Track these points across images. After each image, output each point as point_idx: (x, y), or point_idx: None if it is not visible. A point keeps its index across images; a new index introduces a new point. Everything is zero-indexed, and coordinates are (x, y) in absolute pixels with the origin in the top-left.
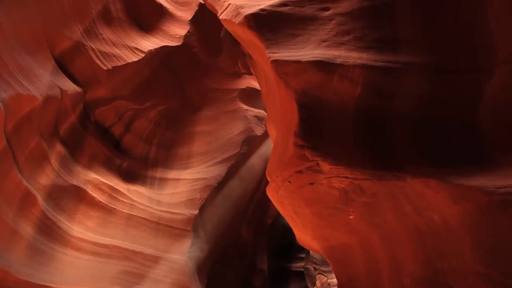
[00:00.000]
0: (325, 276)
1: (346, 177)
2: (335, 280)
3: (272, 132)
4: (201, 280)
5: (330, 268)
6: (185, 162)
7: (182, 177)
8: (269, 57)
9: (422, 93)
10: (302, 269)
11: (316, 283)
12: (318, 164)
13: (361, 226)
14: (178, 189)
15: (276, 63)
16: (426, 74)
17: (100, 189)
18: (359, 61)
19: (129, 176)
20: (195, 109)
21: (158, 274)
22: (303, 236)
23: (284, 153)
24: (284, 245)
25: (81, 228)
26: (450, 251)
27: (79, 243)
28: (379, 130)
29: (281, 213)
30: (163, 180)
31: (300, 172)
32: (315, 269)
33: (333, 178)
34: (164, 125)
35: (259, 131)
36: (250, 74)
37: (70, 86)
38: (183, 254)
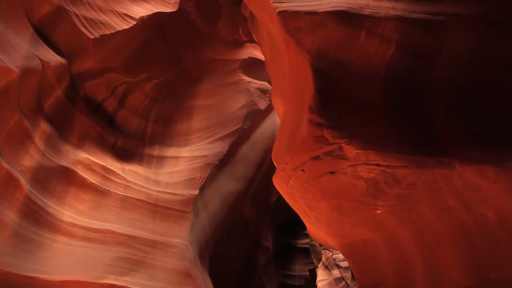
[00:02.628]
0: (331, 251)
1: (377, 165)
2: (340, 256)
3: (279, 106)
4: (203, 263)
5: None
6: (184, 139)
7: (181, 155)
8: (275, 8)
9: (471, 53)
10: (308, 246)
11: (322, 258)
12: (341, 148)
13: (390, 221)
14: (177, 168)
15: (284, 16)
16: (476, 28)
17: (92, 170)
18: (392, 12)
19: (124, 155)
20: (193, 81)
21: (156, 260)
22: (316, 231)
23: (295, 134)
24: (289, 222)
25: (71, 212)
26: (508, 256)
27: (69, 228)
28: (417, 103)
29: (290, 205)
30: (161, 158)
31: (317, 158)
32: (320, 245)
33: (361, 165)
34: (161, 99)
35: (262, 105)
36: (252, 42)
37: (53, 57)
38: (183, 237)
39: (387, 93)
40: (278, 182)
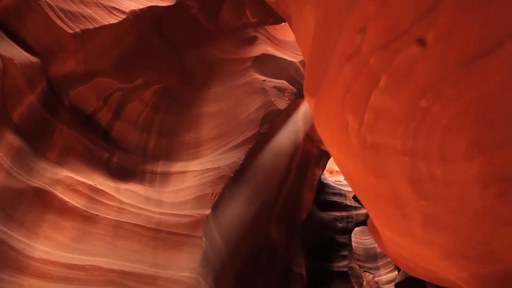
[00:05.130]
0: (371, 274)
1: None
2: (383, 277)
3: (306, 20)
4: None
5: (377, 265)
6: (194, 152)
7: (189, 169)
8: None
9: None
10: (346, 269)
11: (363, 282)
12: None
13: None
14: (184, 184)
15: None
16: None
17: (75, 190)
18: None
19: (121, 173)
20: (200, 85)
21: None
22: (413, 248)
23: None
24: (322, 243)
25: (47, 245)
26: None
27: (42, 267)
28: None
29: (353, 189)
30: (165, 175)
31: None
32: (360, 267)
33: None
34: (163, 108)
35: (281, 104)
36: (261, 23)
37: (19, 54)
38: (193, 269)
39: None
40: (329, 112)
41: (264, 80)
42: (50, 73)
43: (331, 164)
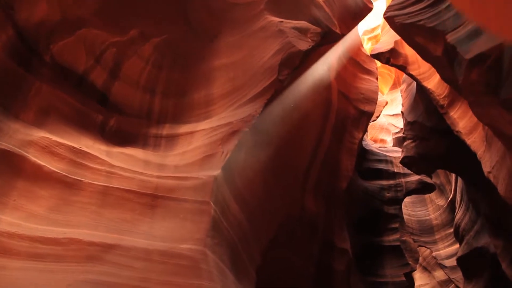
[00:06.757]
0: (428, 248)
1: None
2: (442, 252)
3: None
4: (242, 279)
5: (434, 238)
6: (205, 111)
7: (198, 129)
8: None
9: None
10: (398, 243)
11: (418, 258)
12: None
13: None
14: (191, 146)
15: None
16: None
17: (53, 153)
18: None
19: (120, 138)
20: (208, 37)
21: (152, 281)
22: None
23: None
24: (369, 215)
25: (16, 217)
26: None
27: (8, 242)
28: None
29: None
30: (172, 138)
31: None
32: (414, 241)
33: None
34: (167, 65)
35: (303, 46)
36: None
37: None
38: (198, 241)
39: None
40: None
41: (281, 22)
42: (18, 20)
43: (375, 132)
